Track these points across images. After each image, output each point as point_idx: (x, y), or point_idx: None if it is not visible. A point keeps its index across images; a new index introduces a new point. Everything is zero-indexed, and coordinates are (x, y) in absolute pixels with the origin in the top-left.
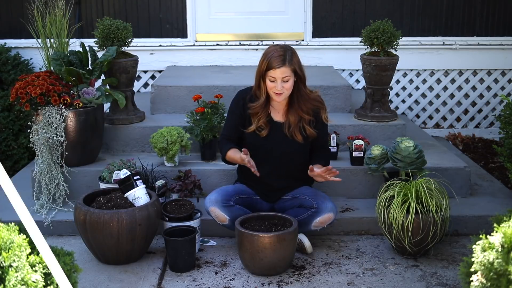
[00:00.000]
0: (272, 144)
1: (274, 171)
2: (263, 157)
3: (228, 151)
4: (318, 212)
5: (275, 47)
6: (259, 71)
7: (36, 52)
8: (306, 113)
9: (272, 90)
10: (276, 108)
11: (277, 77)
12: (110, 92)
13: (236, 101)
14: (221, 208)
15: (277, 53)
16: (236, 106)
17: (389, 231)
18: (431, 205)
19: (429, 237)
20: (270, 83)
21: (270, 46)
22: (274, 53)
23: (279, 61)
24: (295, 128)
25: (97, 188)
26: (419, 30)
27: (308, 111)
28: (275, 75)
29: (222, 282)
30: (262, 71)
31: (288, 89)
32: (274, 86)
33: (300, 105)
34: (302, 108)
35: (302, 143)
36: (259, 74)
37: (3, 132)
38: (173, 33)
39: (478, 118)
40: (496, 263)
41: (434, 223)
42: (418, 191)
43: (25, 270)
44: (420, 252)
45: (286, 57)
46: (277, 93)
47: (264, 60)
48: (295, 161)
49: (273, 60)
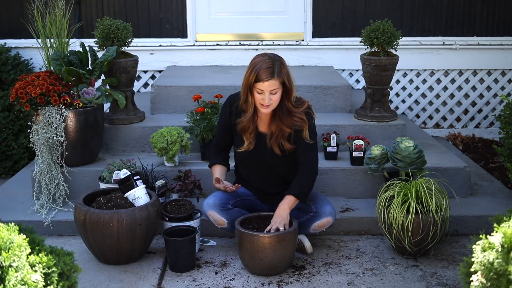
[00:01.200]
0: (260, 155)
1: (267, 179)
2: (253, 166)
3: (212, 166)
4: (316, 216)
5: (263, 58)
6: (247, 83)
7: (36, 52)
8: (287, 127)
9: (259, 102)
10: (262, 118)
11: (265, 90)
12: (110, 92)
13: (224, 108)
14: (219, 211)
15: (266, 64)
16: (223, 112)
17: (389, 231)
18: (431, 205)
19: (429, 237)
20: (257, 95)
21: (257, 56)
22: (262, 65)
23: (268, 74)
24: (275, 140)
25: (97, 188)
26: (419, 30)
27: (288, 125)
28: (263, 88)
29: (222, 282)
30: (250, 83)
31: (276, 101)
32: (262, 98)
33: (281, 119)
34: (283, 122)
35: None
36: (246, 86)
37: (3, 132)
38: (173, 33)
39: (478, 118)
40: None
41: (434, 223)
42: (418, 191)
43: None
44: (420, 252)
45: (275, 69)
46: (264, 105)
47: (252, 72)
48: (283, 169)
49: (261, 73)
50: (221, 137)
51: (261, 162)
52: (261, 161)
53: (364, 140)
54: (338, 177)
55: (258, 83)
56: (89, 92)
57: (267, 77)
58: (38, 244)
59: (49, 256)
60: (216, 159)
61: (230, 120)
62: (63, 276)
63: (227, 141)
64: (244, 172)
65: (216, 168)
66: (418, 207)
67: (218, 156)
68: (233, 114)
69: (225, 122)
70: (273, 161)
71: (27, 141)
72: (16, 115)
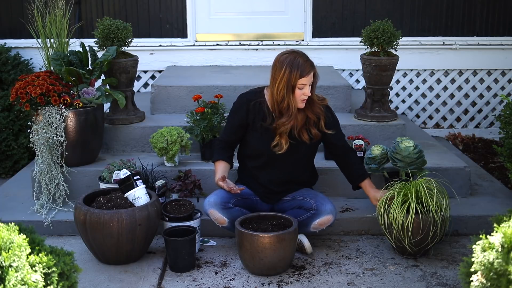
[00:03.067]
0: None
1: (277, 176)
2: (265, 162)
3: (217, 162)
4: (317, 214)
5: (292, 55)
6: (289, 84)
7: (36, 52)
8: (314, 114)
9: (300, 97)
10: None
11: (307, 83)
12: (110, 92)
13: (239, 106)
14: (220, 210)
15: (302, 59)
16: (239, 110)
17: (389, 231)
18: (431, 205)
19: (429, 237)
20: (299, 92)
21: (283, 55)
22: (299, 60)
23: (309, 66)
24: (302, 128)
25: (97, 188)
26: (419, 30)
27: (315, 113)
28: (306, 82)
29: (222, 282)
30: (293, 82)
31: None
32: (303, 92)
33: (308, 107)
34: (310, 109)
35: (308, 145)
36: (287, 85)
37: (3, 132)
38: (173, 33)
39: (478, 118)
40: (496, 263)
41: (434, 223)
42: (418, 191)
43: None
44: (420, 252)
45: (310, 60)
46: (305, 99)
47: (293, 70)
48: (298, 166)
49: (304, 68)
50: (231, 134)
51: (278, 156)
52: (279, 155)
53: (364, 140)
54: (338, 177)
55: (303, 78)
56: (89, 92)
57: (310, 70)
58: (38, 244)
59: (49, 256)
60: (221, 155)
61: (247, 118)
62: (63, 276)
63: (236, 139)
64: (253, 167)
65: (220, 164)
66: (418, 207)
67: (223, 152)
68: (251, 112)
69: (239, 120)
70: (296, 154)
71: (27, 141)
72: (16, 115)
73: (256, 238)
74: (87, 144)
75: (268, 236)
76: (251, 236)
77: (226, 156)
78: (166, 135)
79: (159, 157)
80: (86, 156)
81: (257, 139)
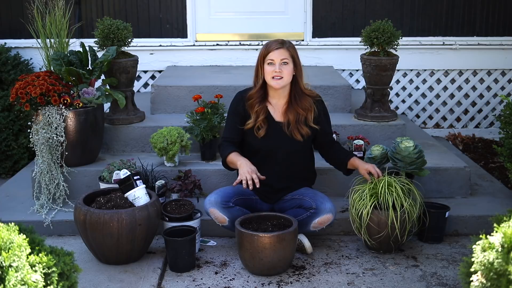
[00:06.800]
0: (272, 145)
1: (275, 173)
2: (263, 158)
3: (230, 154)
4: (317, 213)
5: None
6: (259, 58)
7: (36, 52)
8: (303, 110)
9: (271, 74)
10: (276, 107)
11: (275, 59)
12: (110, 92)
13: (236, 102)
14: (220, 209)
15: (276, 40)
16: (237, 106)
17: (355, 226)
18: (390, 202)
19: (389, 233)
20: (268, 68)
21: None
22: (273, 40)
23: (278, 43)
24: (294, 127)
25: (97, 188)
26: (419, 30)
27: (304, 109)
28: (273, 57)
29: (222, 282)
30: (261, 56)
31: (287, 74)
32: (273, 69)
33: (297, 102)
34: (299, 104)
35: (301, 142)
36: (258, 62)
37: (3, 132)
38: (173, 33)
39: (478, 118)
40: (496, 263)
41: (396, 221)
42: (382, 188)
43: (25, 270)
44: (382, 247)
45: (285, 42)
46: (276, 76)
47: (263, 48)
48: (295, 161)
49: (271, 44)
50: (233, 132)
51: (273, 152)
52: (274, 151)
53: (364, 140)
54: (338, 177)
55: (269, 53)
56: (89, 92)
57: (277, 46)
58: (38, 244)
59: (49, 256)
60: (229, 148)
61: (245, 114)
62: (63, 276)
63: (238, 136)
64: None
65: (234, 154)
66: (379, 205)
67: (230, 146)
68: (246, 103)
69: (239, 113)
70: (291, 149)
71: (27, 141)
72: (16, 115)
73: (256, 238)
74: (87, 144)
75: (268, 236)
76: (251, 236)
77: (234, 148)
78: (166, 135)
79: (159, 157)
80: (86, 156)
81: (251, 135)
